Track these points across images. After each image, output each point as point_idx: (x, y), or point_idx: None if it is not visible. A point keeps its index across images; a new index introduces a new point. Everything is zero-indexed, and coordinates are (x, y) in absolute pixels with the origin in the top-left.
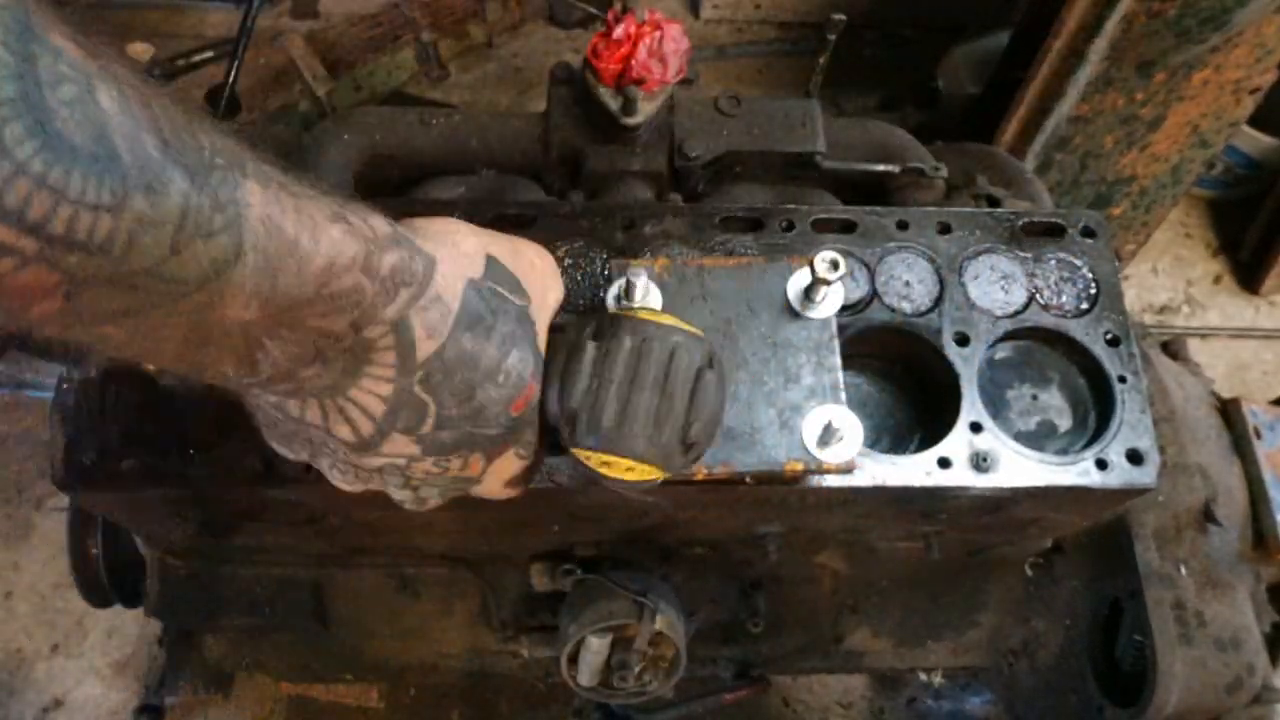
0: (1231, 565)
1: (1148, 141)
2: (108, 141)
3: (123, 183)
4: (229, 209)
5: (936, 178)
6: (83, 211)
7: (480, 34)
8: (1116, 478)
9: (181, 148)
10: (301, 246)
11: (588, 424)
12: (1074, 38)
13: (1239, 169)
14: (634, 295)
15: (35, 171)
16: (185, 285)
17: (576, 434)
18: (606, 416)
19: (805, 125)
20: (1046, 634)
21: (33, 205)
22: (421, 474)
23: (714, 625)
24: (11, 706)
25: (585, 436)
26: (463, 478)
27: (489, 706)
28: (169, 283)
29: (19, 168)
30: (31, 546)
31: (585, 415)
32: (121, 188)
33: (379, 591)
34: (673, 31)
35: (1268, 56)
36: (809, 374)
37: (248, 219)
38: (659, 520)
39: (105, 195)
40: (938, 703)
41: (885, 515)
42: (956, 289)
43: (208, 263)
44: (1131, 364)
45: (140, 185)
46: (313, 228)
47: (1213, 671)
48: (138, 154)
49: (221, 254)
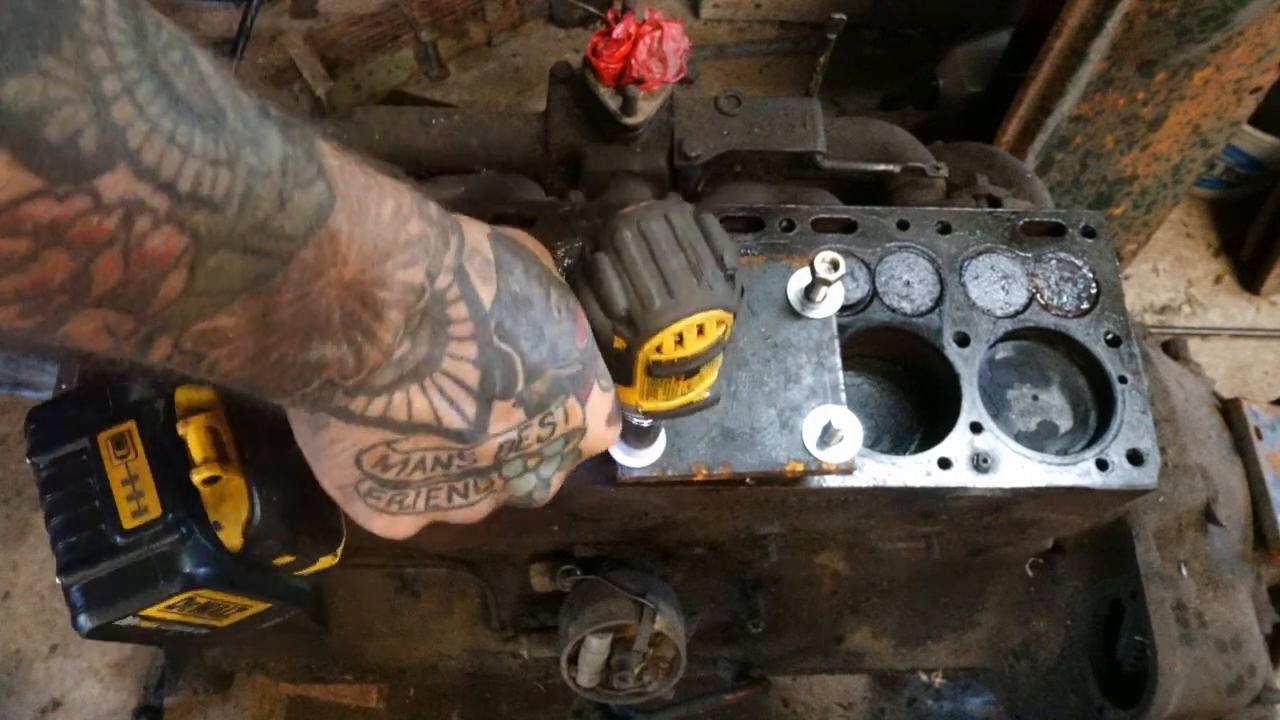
0: (1233, 566)
1: (1149, 141)
2: (215, 100)
3: (233, 138)
4: (315, 160)
5: (937, 177)
6: (206, 167)
7: (480, 33)
8: (1117, 478)
9: (266, 105)
10: (373, 192)
11: (643, 311)
12: (1075, 37)
13: (1240, 168)
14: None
15: (165, 129)
16: (295, 240)
17: (640, 327)
18: (655, 294)
19: (805, 125)
20: (1047, 634)
21: (165, 162)
22: (536, 443)
23: (714, 626)
24: (10, 707)
25: (650, 323)
26: (571, 431)
27: (489, 707)
28: (281, 239)
29: (154, 126)
30: (30, 547)
31: (634, 308)
32: (234, 142)
33: (379, 592)
34: (673, 31)
35: (1269, 56)
36: (809, 374)
37: (331, 168)
38: (659, 521)
39: (221, 150)
40: (938, 703)
41: (885, 516)
42: (957, 289)
43: (311, 211)
44: (1132, 364)
45: (247, 140)
46: (376, 177)
47: (1214, 672)
48: (240, 111)
49: (319, 201)
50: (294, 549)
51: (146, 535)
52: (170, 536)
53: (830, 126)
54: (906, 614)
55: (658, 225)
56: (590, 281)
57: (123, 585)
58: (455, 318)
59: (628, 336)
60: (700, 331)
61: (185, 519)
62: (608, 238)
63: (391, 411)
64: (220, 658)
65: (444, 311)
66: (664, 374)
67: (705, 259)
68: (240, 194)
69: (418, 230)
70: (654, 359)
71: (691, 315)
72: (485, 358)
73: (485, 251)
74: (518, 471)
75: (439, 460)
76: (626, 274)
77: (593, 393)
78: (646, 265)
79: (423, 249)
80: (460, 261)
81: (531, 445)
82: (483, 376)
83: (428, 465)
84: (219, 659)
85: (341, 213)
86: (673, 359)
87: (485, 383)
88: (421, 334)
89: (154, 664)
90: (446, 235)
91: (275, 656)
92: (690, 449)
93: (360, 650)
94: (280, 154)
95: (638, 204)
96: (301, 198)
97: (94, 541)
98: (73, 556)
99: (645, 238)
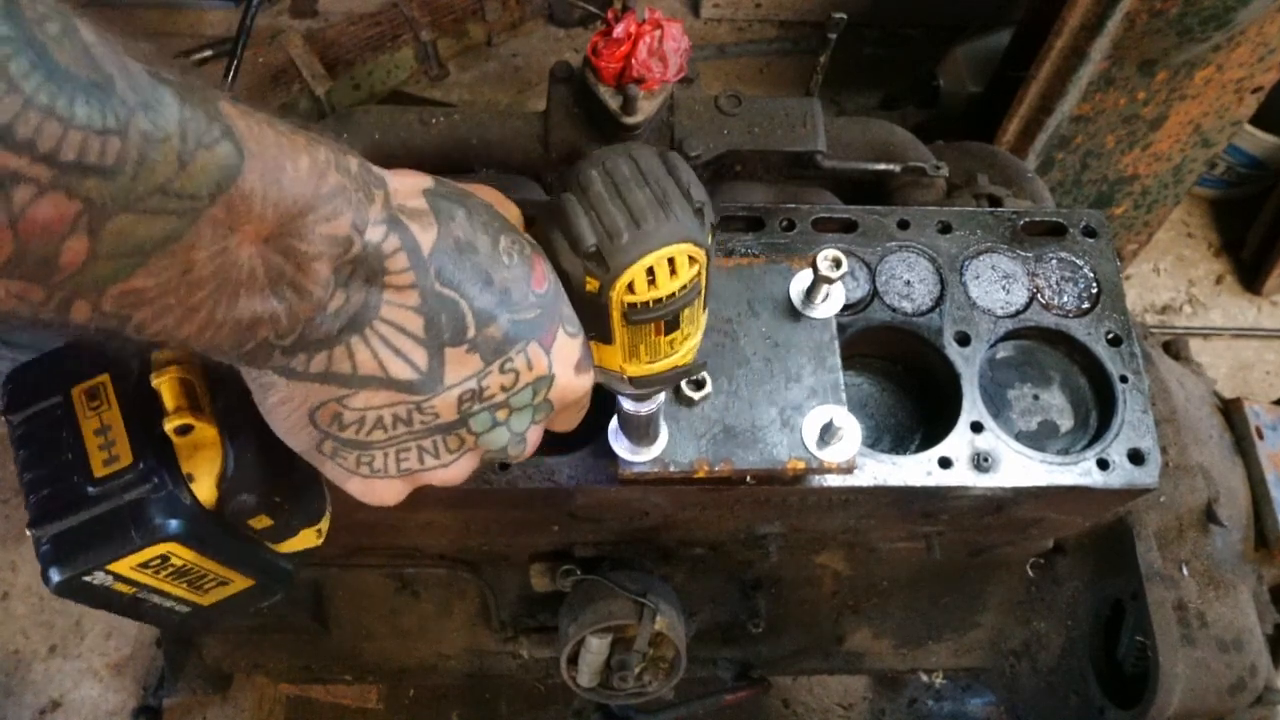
0: (1234, 566)
1: (1149, 140)
2: (101, 69)
3: (123, 105)
4: (219, 121)
5: (937, 177)
6: (92, 136)
7: (480, 33)
8: (1118, 478)
9: (158, 71)
10: (286, 150)
11: (610, 245)
12: (1076, 36)
13: (1241, 168)
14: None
15: (42, 103)
16: (200, 199)
17: (609, 263)
18: (623, 227)
19: (806, 124)
20: (1048, 635)
21: (44, 135)
22: (500, 392)
23: (714, 626)
24: (9, 708)
25: (617, 256)
26: (537, 380)
27: (488, 707)
28: (184, 199)
29: (27, 100)
30: (29, 547)
31: (604, 243)
32: (124, 109)
33: (379, 592)
34: (673, 30)
35: (1270, 55)
36: (810, 373)
37: (238, 128)
38: (659, 521)
39: (110, 119)
40: (939, 704)
41: (886, 515)
42: (957, 288)
43: (216, 171)
44: (1133, 364)
45: (139, 105)
46: (287, 133)
47: (1215, 672)
48: (129, 78)
49: (225, 161)
50: (271, 510)
51: (117, 484)
52: (142, 486)
53: (830, 126)
54: (907, 614)
55: (623, 162)
56: (557, 221)
57: (92, 536)
58: (393, 268)
59: (598, 275)
60: (672, 269)
61: (157, 468)
62: (573, 178)
63: (334, 365)
64: (220, 658)
65: (380, 262)
66: (641, 319)
67: (671, 193)
68: (134, 159)
69: (335, 182)
70: (628, 300)
71: (660, 248)
72: (428, 305)
73: (419, 202)
74: (486, 425)
75: (398, 417)
76: (593, 210)
77: (557, 339)
78: (613, 200)
79: (344, 202)
80: (390, 213)
81: (496, 395)
82: (427, 323)
83: (387, 423)
84: (219, 659)
85: (252, 170)
86: (647, 300)
87: (431, 329)
88: (355, 284)
89: (153, 665)
90: (369, 188)
91: (274, 657)
92: (692, 446)
93: (360, 651)
94: (177, 117)
95: (610, 146)
96: (205, 158)
97: (65, 493)
98: (44, 509)
99: (610, 175)
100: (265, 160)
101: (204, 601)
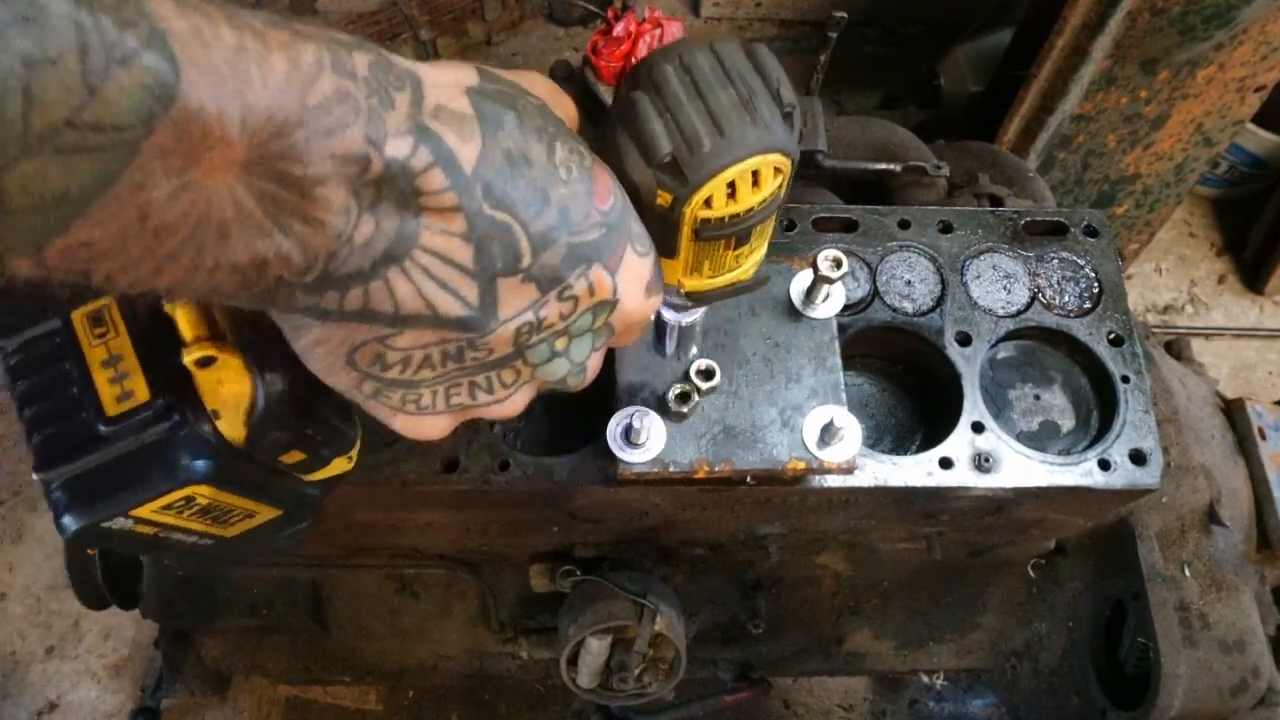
0: (1236, 566)
1: (1151, 140)
2: None
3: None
4: (141, 24)
5: (938, 176)
6: None
7: (479, 32)
8: (1119, 478)
9: None
10: (251, 53)
11: (689, 156)
12: (1077, 35)
13: (1243, 167)
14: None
15: None
16: (129, 129)
17: (687, 176)
18: (704, 134)
19: (806, 123)
20: (1049, 636)
21: None
22: (559, 321)
23: (714, 627)
24: (6, 710)
25: (699, 169)
26: (598, 305)
27: (488, 708)
28: (106, 132)
29: None
30: (27, 548)
31: (681, 152)
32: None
33: (378, 593)
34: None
35: (1272, 54)
36: (810, 373)
37: (172, 30)
38: (659, 521)
39: None
40: (939, 705)
41: (887, 516)
42: (958, 288)
43: (141, 93)
44: (1134, 364)
45: (11, 24)
46: (254, 31)
47: (1217, 674)
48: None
49: (154, 78)
50: (304, 444)
51: (134, 424)
52: (161, 425)
53: (831, 125)
54: (908, 615)
55: (703, 57)
56: (627, 124)
57: (110, 481)
58: (428, 187)
59: (673, 188)
60: (755, 181)
61: (177, 405)
62: (645, 74)
63: (372, 303)
64: (219, 659)
65: (411, 182)
66: (713, 235)
67: (759, 94)
68: (19, 91)
69: (332, 89)
70: (703, 216)
71: (746, 159)
72: (476, 230)
73: (460, 105)
74: (544, 357)
75: (447, 354)
76: (669, 113)
77: (625, 259)
78: (692, 102)
79: (350, 111)
80: (420, 120)
81: (554, 324)
82: (476, 251)
83: (435, 361)
84: (217, 660)
85: (196, 84)
86: (724, 215)
87: (482, 259)
88: (384, 209)
89: (151, 666)
90: (385, 91)
91: (273, 658)
92: (692, 446)
93: (359, 651)
94: (71, 32)
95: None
96: (122, 77)
97: (74, 433)
98: (52, 451)
99: (689, 72)
100: (215, 69)
101: (227, 534)
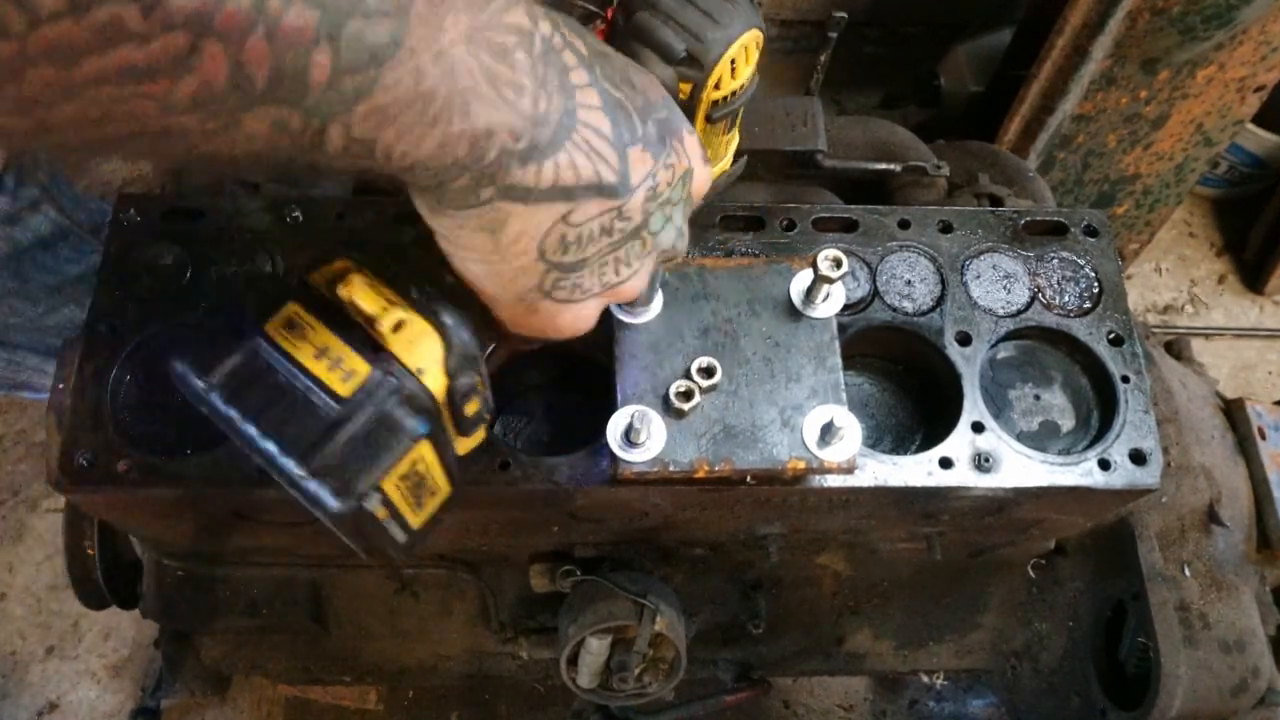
0: (1236, 567)
1: (1151, 140)
2: None
3: None
4: None
5: (938, 176)
6: None
7: None
8: (1120, 478)
9: None
10: None
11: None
12: (1077, 35)
13: (1243, 167)
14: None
15: None
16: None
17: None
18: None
19: (806, 123)
20: (1049, 636)
21: None
22: (666, 188)
23: (714, 627)
24: (6, 710)
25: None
26: (685, 173)
27: (488, 708)
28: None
29: None
30: (26, 548)
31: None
32: None
33: (378, 593)
34: None
35: (1273, 54)
36: (810, 373)
37: None
38: (659, 521)
39: None
40: (940, 705)
41: (887, 516)
42: (958, 288)
43: None
44: (1135, 364)
45: None
46: None
47: (1217, 674)
48: None
49: None
50: (479, 395)
51: (363, 396)
52: (387, 389)
53: (831, 125)
54: (908, 615)
55: None
56: (641, 38)
57: (360, 453)
58: (570, 64)
59: (692, 76)
60: (745, 57)
61: (394, 370)
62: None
63: (561, 176)
64: (218, 659)
65: (559, 58)
66: (720, 115)
67: None
68: None
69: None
70: (713, 98)
71: (740, 36)
72: (608, 104)
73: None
74: (661, 224)
75: (604, 227)
76: (671, 20)
77: (688, 137)
78: (683, 6)
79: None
80: (545, 9)
81: (664, 191)
82: (612, 124)
83: (596, 234)
84: (217, 660)
85: None
86: (728, 93)
87: (616, 129)
88: (550, 84)
89: (151, 666)
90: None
91: (273, 658)
92: (691, 446)
93: (359, 651)
94: None
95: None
96: None
97: (315, 422)
98: (303, 445)
99: None
100: None
101: (415, 523)
